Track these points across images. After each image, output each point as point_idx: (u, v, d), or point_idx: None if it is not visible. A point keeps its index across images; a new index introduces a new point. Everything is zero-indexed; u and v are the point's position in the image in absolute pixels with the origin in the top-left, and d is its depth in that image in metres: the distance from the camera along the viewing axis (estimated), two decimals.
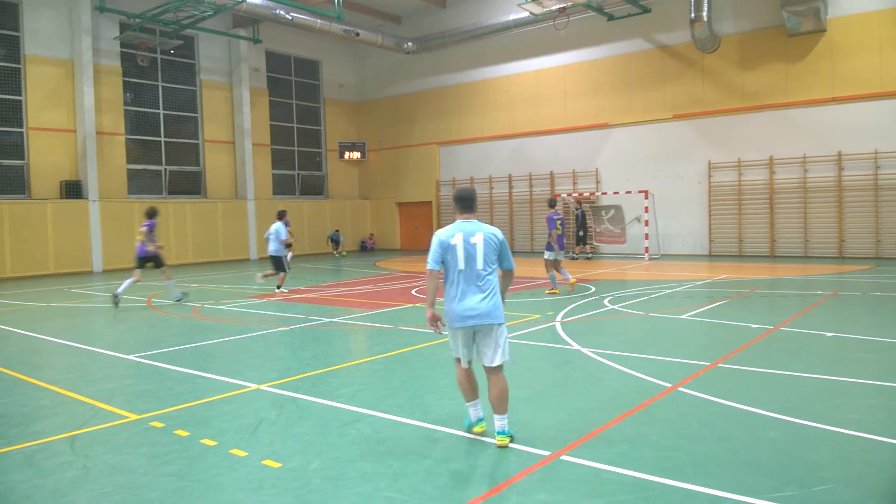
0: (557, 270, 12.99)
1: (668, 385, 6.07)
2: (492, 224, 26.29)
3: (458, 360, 4.88)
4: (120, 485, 4.22)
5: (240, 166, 26.14)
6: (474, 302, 4.70)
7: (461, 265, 4.73)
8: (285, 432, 5.11)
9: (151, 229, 12.70)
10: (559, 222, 12.87)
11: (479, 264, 4.73)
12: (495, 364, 4.76)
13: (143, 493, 4.08)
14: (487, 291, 4.74)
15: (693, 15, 19.82)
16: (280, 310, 11.83)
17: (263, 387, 6.46)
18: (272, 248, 14.16)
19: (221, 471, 4.39)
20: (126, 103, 23.20)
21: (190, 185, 25.17)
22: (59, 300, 14.25)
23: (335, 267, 21.36)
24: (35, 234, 20.16)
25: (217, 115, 25.70)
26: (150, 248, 12.62)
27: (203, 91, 25.30)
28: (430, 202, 28.22)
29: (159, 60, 24.10)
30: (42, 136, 20.99)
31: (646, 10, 20.97)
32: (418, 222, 28.87)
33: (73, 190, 21.16)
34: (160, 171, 24.36)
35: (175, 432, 5.15)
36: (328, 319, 10.56)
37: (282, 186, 28.50)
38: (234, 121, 26.08)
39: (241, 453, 4.66)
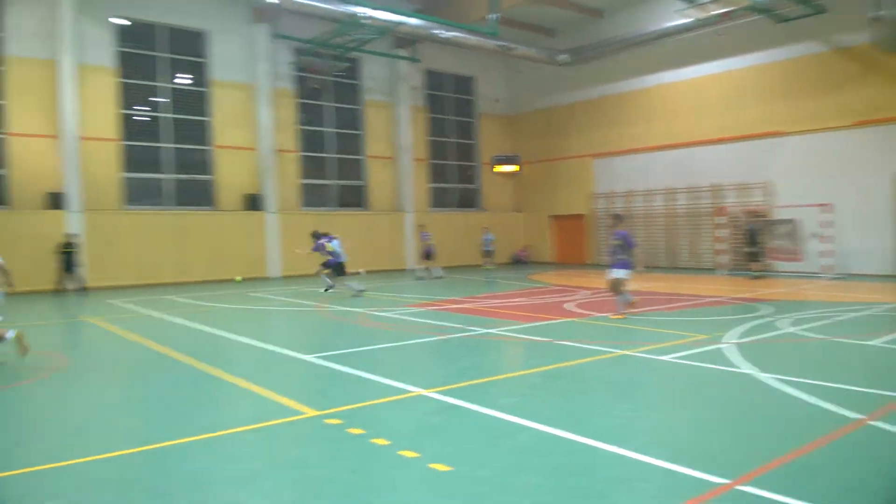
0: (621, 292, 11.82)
1: (857, 416, 5.53)
2: (646, 239, 25.07)
3: None
4: (299, 477, 4.54)
5: (399, 181, 27.28)
6: None
7: None
8: (451, 438, 5.25)
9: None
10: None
11: None
12: None
13: (322, 486, 4.36)
14: None
15: (876, 13, 17.90)
16: (437, 319, 12.17)
17: (427, 392, 6.67)
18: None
19: (394, 470, 4.59)
20: (299, 123, 25.06)
21: (355, 198, 26.66)
22: (240, 303, 15.61)
23: (488, 279, 21.60)
24: (220, 242, 22.28)
25: (378, 132, 27.03)
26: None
27: (367, 110, 26.74)
28: (584, 215, 27.77)
29: (328, 82, 25.80)
30: (226, 153, 23.19)
31: (820, 11, 19.26)
32: (572, 235, 28.50)
33: (253, 203, 23.16)
34: (329, 185, 26.03)
35: (349, 430, 5.46)
36: (484, 330, 10.71)
37: (438, 199, 29.35)
38: (393, 137, 27.31)
39: (412, 454, 4.84)
